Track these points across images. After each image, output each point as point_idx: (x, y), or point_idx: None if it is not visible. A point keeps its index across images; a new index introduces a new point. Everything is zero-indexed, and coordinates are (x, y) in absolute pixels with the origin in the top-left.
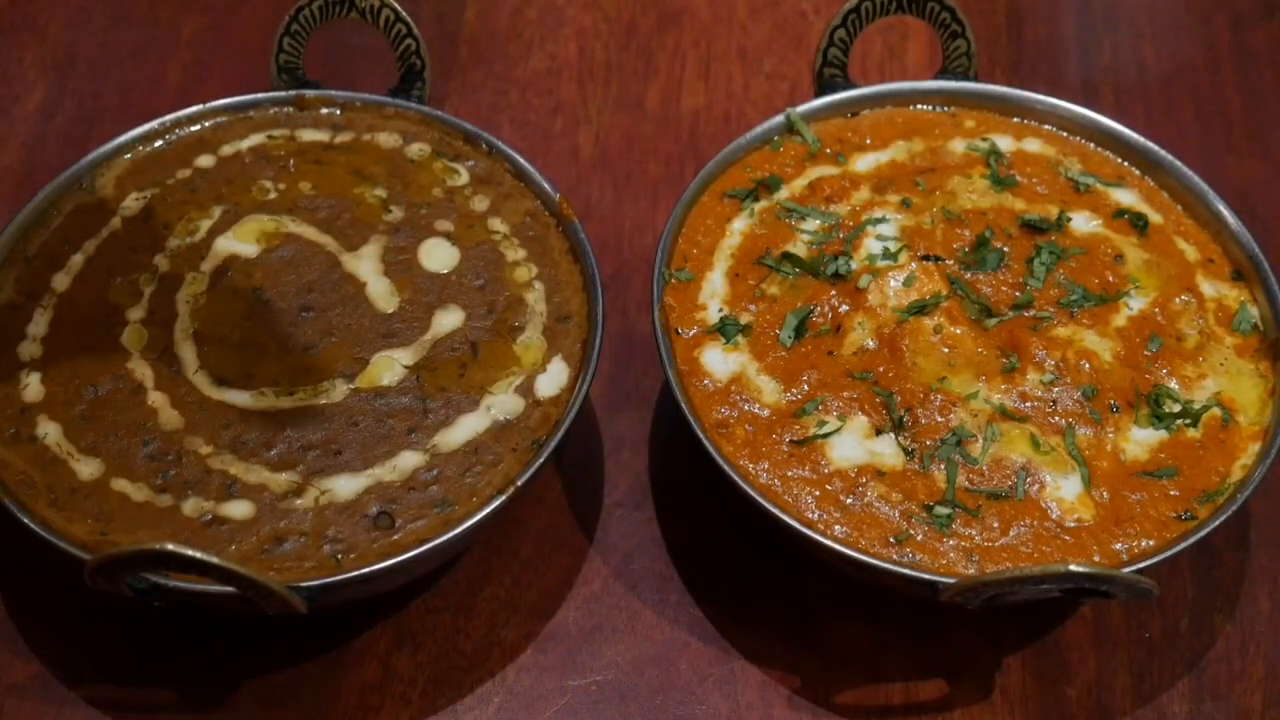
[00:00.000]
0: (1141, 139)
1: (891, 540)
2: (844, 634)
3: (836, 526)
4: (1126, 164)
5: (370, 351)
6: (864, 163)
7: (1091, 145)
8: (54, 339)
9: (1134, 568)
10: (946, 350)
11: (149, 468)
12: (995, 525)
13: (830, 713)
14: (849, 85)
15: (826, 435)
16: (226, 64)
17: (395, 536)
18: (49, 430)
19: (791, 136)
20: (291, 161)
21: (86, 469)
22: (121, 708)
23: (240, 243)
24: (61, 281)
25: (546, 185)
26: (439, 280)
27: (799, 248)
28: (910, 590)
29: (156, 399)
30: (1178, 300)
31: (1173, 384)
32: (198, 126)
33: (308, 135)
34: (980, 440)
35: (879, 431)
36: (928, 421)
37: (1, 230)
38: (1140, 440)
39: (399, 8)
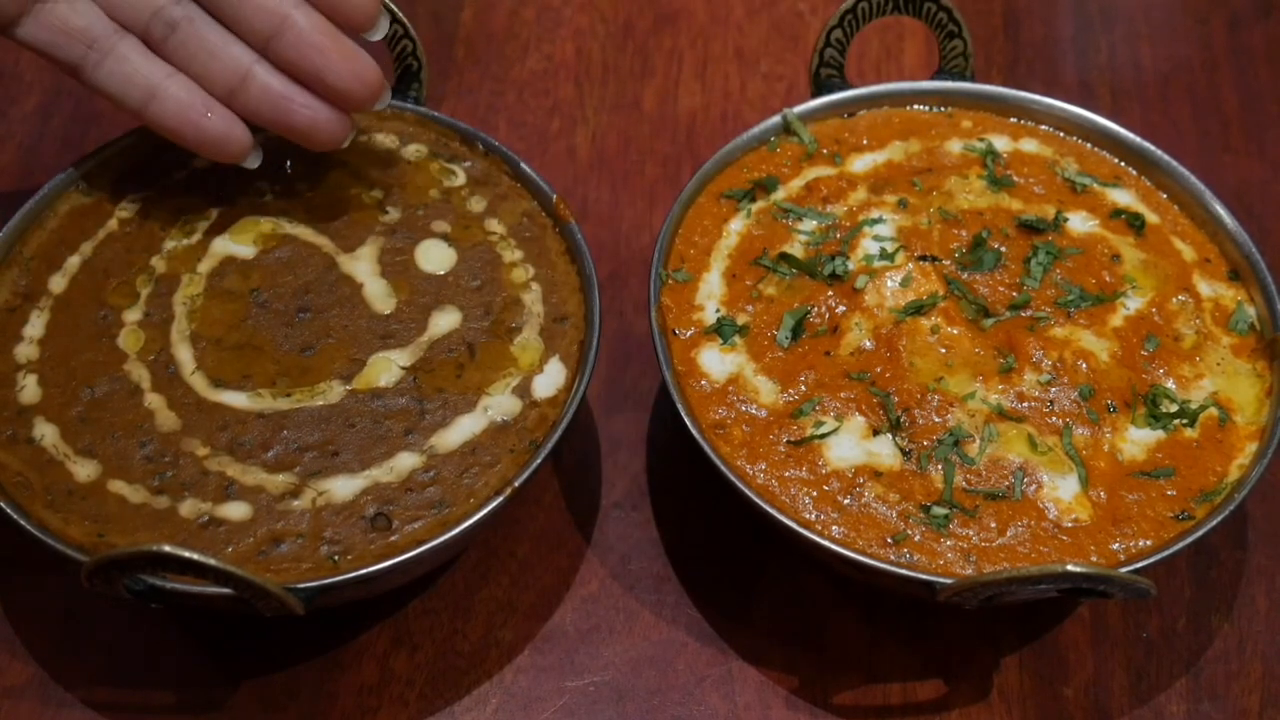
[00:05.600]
0: (1138, 139)
1: (889, 540)
2: (842, 634)
3: (834, 527)
4: (1123, 164)
5: (367, 353)
6: (861, 163)
7: (1088, 145)
8: (51, 341)
9: (1131, 568)
10: (944, 350)
11: (146, 469)
12: (993, 525)
13: (828, 713)
14: (846, 86)
15: (824, 436)
16: None
17: (393, 538)
18: (46, 432)
19: (788, 137)
20: (288, 162)
21: (84, 470)
22: (119, 709)
23: (237, 244)
24: (58, 283)
25: (544, 186)
26: (436, 281)
27: (796, 248)
28: (908, 590)
29: (154, 400)
30: (1175, 300)
31: (1170, 384)
32: None
33: None
34: (977, 440)
35: (876, 432)
36: (925, 422)
37: None
38: (1137, 440)
39: (395, 8)
